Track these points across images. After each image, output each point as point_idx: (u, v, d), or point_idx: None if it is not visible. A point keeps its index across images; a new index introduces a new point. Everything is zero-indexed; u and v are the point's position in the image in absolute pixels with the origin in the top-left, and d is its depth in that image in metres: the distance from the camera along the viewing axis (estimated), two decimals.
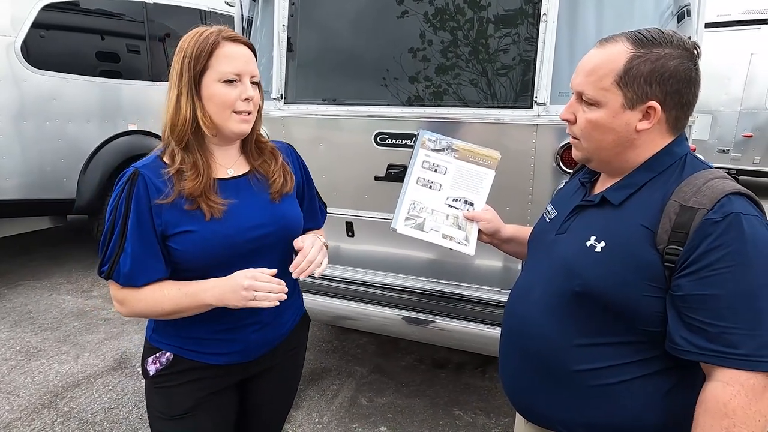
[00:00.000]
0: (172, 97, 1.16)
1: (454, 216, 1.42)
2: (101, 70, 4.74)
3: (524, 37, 2.05)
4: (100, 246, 1.16)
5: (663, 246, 0.91)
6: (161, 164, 1.18)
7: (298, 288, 1.46)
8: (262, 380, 1.40)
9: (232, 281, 1.13)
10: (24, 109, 4.16)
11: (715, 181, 0.92)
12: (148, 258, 1.14)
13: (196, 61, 1.13)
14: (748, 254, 0.85)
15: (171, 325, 1.26)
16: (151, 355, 1.27)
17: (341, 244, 2.59)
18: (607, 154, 1.02)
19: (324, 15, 2.38)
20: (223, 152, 1.25)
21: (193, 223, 1.14)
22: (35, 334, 3.57)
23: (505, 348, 1.21)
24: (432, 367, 3.18)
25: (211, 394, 1.29)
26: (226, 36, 1.16)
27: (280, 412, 1.53)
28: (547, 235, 1.16)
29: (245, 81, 1.18)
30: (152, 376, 1.27)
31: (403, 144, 2.26)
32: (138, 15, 5.03)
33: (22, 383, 2.96)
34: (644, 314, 0.94)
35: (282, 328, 1.36)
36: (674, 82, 0.94)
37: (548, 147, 2.05)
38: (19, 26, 4.08)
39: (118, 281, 1.15)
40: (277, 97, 2.43)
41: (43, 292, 4.33)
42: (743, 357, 0.84)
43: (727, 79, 7.62)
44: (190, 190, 1.14)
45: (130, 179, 1.14)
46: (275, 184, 1.28)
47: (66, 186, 4.51)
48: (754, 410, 0.84)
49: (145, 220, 1.13)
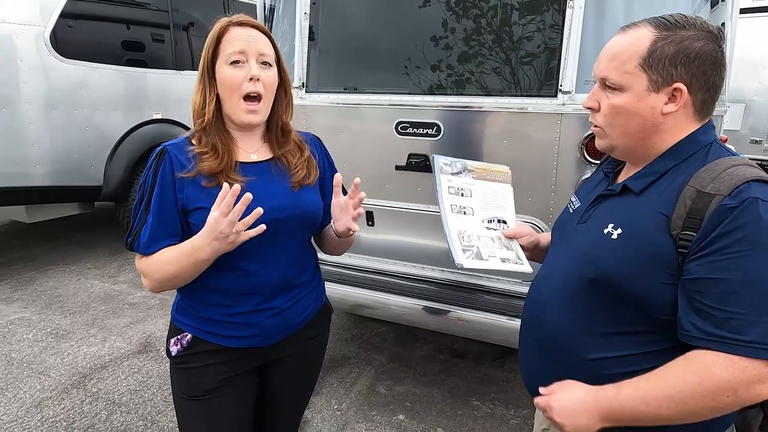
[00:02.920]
0: (198, 84, 1.23)
1: (497, 237, 1.35)
2: (127, 59, 4.81)
3: (549, 24, 2.00)
4: (131, 219, 1.23)
5: (677, 231, 0.90)
6: (188, 144, 1.23)
7: (318, 276, 1.47)
8: (281, 367, 1.41)
9: (210, 231, 1.09)
10: (53, 98, 4.25)
11: (736, 168, 0.89)
12: (165, 229, 1.19)
13: (209, 49, 1.20)
14: (761, 241, 0.83)
15: (190, 306, 1.29)
16: (174, 336, 1.30)
17: (361, 233, 2.59)
18: (631, 140, 1.00)
19: (346, 3, 2.37)
20: (244, 138, 1.28)
21: (209, 200, 1.15)
22: (64, 317, 3.69)
23: (523, 336, 1.22)
24: (451, 357, 3.18)
25: (231, 377, 1.31)
26: (235, 21, 1.21)
27: (300, 399, 1.54)
28: (569, 225, 1.15)
29: (251, 61, 1.20)
30: (174, 357, 1.30)
31: (425, 133, 2.24)
32: (162, 4, 5.08)
33: (52, 364, 3.06)
34: (657, 302, 0.92)
35: (300, 316, 1.36)
36: (700, 63, 0.92)
37: (573, 137, 2.01)
38: (48, 16, 4.16)
39: (138, 251, 1.21)
40: (299, 86, 2.43)
41: (71, 276, 4.46)
42: (748, 344, 0.83)
43: (762, 66, 7.34)
44: (209, 168, 1.18)
45: (158, 156, 1.20)
46: (297, 174, 1.30)
47: (93, 173, 4.61)
48: (731, 388, 0.83)
49: (168, 193, 1.19)
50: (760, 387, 0.83)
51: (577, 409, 0.96)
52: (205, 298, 1.26)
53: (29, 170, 4.17)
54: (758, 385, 0.83)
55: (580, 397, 0.96)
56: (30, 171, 4.18)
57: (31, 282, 4.30)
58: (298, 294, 1.34)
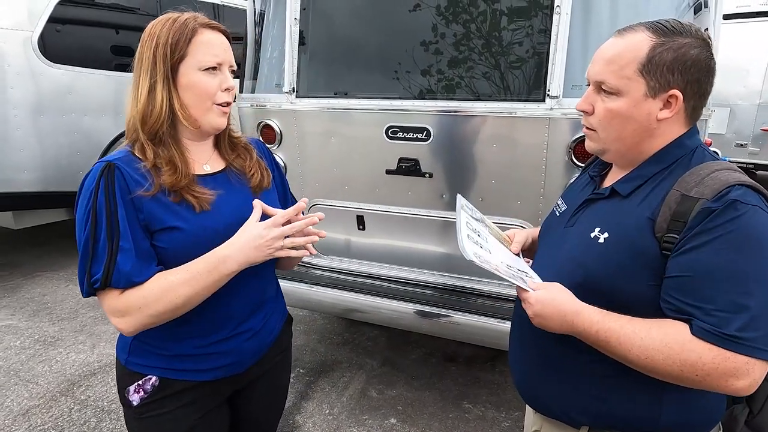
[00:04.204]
0: (143, 87, 1.07)
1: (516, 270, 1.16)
2: (116, 64, 4.79)
3: (537, 30, 2.03)
4: (81, 260, 1.02)
5: (662, 234, 0.91)
6: (135, 158, 1.08)
7: (280, 291, 1.41)
8: (253, 389, 1.33)
9: (248, 236, 1.04)
10: (41, 103, 4.21)
11: (720, 173, 0.91)
12: (148, 250, 1.06)
13: (173, 49, 1.06)
14: (737, 239, 0.85)
15: (153, 345, 1.15)
16: (132, 382, 1.15)
17: (352, 237, 2.60)
18: (624, 144, 1.01)
19: (336, 8, 2.38)
20: (196, 147, 1.17)
21: (179, 219, 1.06)
22: (53, 324, 3.65)
23: (513, 339, 1.23)
24: (442, 360, 3.19)
25: (204, 414, 1.20)
26: (203, 23, 1.10)
27: (274, 415, 1.48)
28: (557, 228, 1.16)
29: (224, 70, 1.12)
30: (137, 407, 1.15)
31: (415, 137, 2.25)
32: (152, 9, 5.06)
33: (40, 371, 3.02)
34: (645, 304, 0.94)
35: (271, 334, 1.31)
36: (695, 71, 0.94)
37: (561, 141, 2.03)
38: (35, 21, 4.13)
39: (118, 286, 1.02)
40: (289, 91, 2.43)
41: (60, 282, 4.41)
42: (730, 338, 0.84)
43: (746, 71, 7.46)
44: (171, 183, 1.06)
45: (103, 173, 1.03)
46: (254, 178, 1.22)
47: (81, 179, 4.55)
48: (704, 371, 0.85)
49: (131, 213, 1.04)
50: (733, 380, 0.85)
51: (554, 316, 0.96)
52: (175, 333, 1.13)
53: (17, 176, 4.12)
54: (732, 379, 0.85)
55: (561, 306, 0.96)
56: (17, 176, 4.13)
57: (18, 289, 4.25)
58: (268, 311, 1.29)
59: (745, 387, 0.85)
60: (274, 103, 2.48)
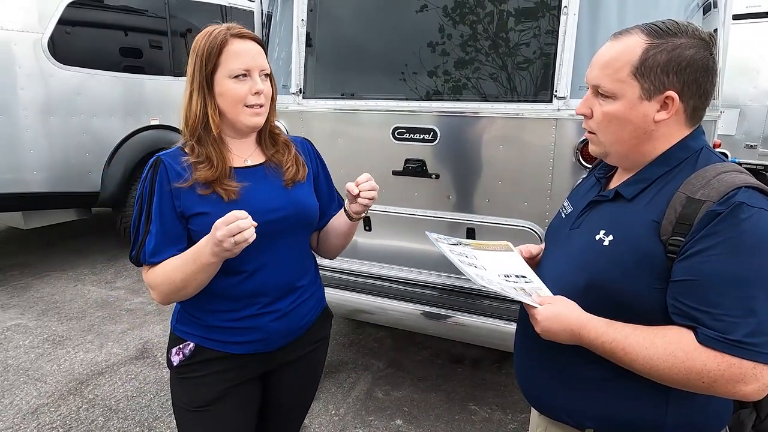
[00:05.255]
0: (186, 94, 1.24)
1: (520, 288, 1.10)
2: (124, 66, 4.82)
3: (545, 30, 2.02)
4: (131, 234, 1.24)
5: (667, 237, 0.91)
6: (182, 153, 1.25)
7: (318, 281, 1.48)
8: (284, 373, 1.42)
9: (211, 238, 1.10)
10: (50, 105, 4.26)
11: (726, 175, 0.90)
12: (170, 237, 1.21)
13: (206, 60, 1.20)
14: (741, 242, 0.84)
15: (193, 315, 1.29)
16: (175, 345, 1.31)
17: (358, 238, 2.60)
18: (624, 147, 1.01)
19: (343, 9, 2.39)
20: (239, 144, 1.31)
21: (207, 206, 1.20)
22: (61, 323, 3.67)
23: (518, 340, 1.23)
24: (448, 361, 3.18)
25: (235, 385, 1.31)
26: (234, 33, 1.21)
27: (302, 406, 1.55)
28: (562, 230, 1.16)
29: (254, 75, 1.23)
30: (176, 367, 1.30)
31: (421, 138, 2.25)
32: (160, 11, 5.10)
33: (48, 370, 3.05)
34: (650, 307, 0.93)
35: (303, 320, 1.38)
36: (692, 71, 0.93)
37: (568, 142, 2.03)
38: (45, 23, 4.17)
39: (144, 262, 1.21)
40: (296, 92, 2.44)
41: (68, 282, 4.44)
42: (735, 343, 0.83)
43: (756, 72, 7.39)
44: (204, 177, 1.20)
45: (153, 166, 1.22)
46: (288, 171, 1.33)
47: (90, 179, 4.61)
48: (711, 378, 0.85)
49: (167, 201, 1.20)
50: (741, 386, 0.84)
51: (561, 331, 0.97)
52: (208, 306, 1.27)
53: (26, 176, 4.17)
54: (740, 384, 0.84)
55: (566, 321, 0.96)
56: (27, 177, 4.18)
57: (27, 288, 4.29)
58: (299, 297, 1.36)
59: (753, 392, 0.85)
60: (281, 104, 2.48)
